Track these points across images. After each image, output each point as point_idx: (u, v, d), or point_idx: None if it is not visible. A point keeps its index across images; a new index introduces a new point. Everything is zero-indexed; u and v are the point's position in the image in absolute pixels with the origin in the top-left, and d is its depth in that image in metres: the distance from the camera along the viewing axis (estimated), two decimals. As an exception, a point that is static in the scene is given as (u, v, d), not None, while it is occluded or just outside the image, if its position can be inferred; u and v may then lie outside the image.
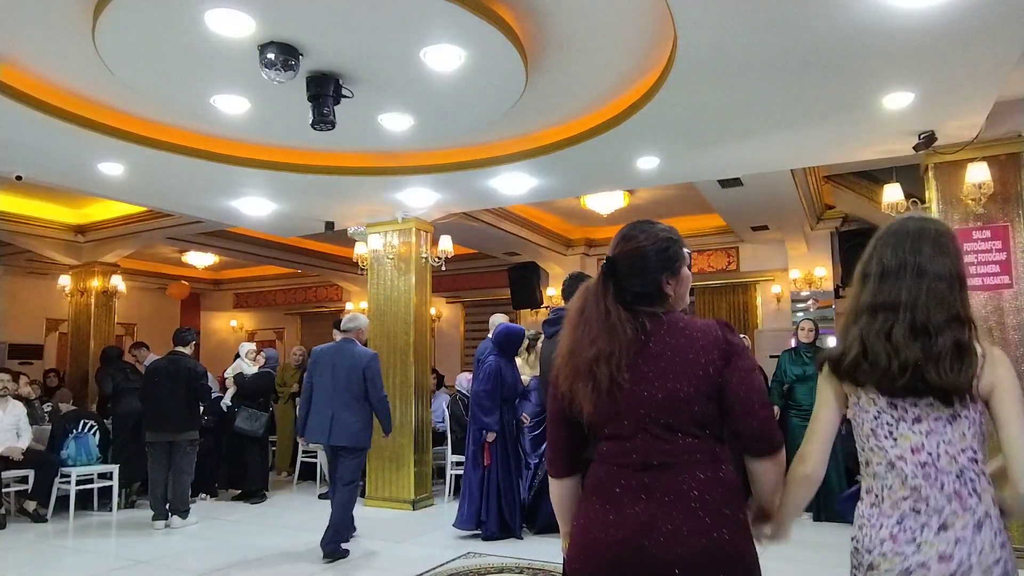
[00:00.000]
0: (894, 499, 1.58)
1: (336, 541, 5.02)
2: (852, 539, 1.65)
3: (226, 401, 7.48)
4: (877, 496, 1.62)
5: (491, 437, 5.45)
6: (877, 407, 1.62)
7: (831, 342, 9.19)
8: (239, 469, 7.27)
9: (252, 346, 7.81)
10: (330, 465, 5.24)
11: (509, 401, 5.61)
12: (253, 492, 7.19)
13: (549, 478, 1.86)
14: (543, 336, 6.28)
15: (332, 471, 5.20)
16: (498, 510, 5.41)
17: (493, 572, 4.60)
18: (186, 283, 12.38)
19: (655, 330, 1.66)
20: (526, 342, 6.26)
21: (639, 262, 1.73)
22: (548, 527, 5.42)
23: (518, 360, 6.09)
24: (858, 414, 1.67)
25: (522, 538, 5.41)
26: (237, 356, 7.79)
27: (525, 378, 6.09)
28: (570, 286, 3.85)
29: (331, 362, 5.19)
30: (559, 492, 1.83)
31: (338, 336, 6.41)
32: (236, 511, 6.73)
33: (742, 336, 1.90)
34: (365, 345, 5.57)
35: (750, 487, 1.72)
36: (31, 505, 6.26)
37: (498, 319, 6.03)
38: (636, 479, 1.59)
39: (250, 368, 7.40)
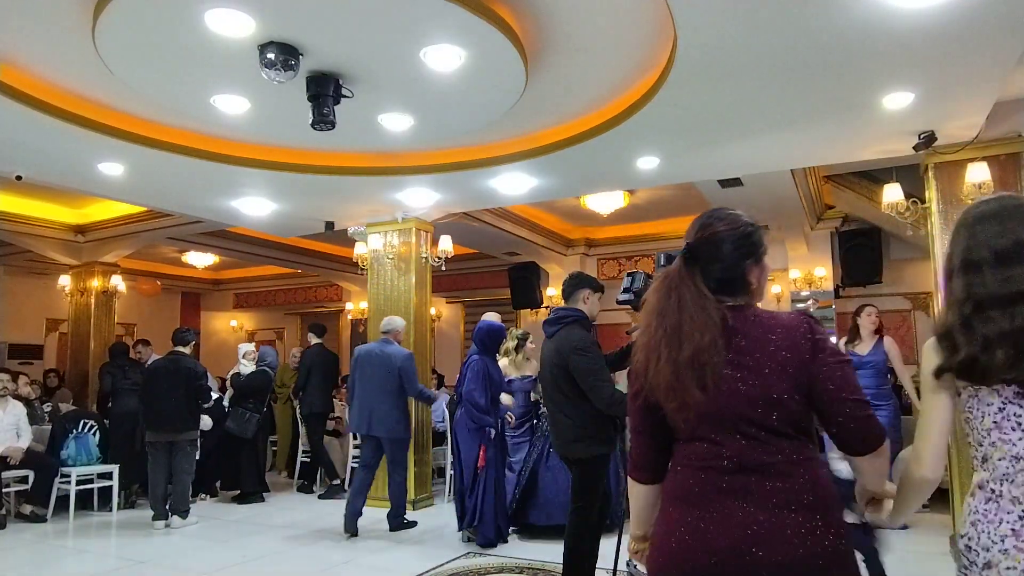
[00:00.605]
0: (1015, 494, 1.48)
1: (397, 517, 5.78)
2: (962, 536, 1.55)
3: (226, 402, 7.47)
4: (994, 491, 1.51)
5: (492, 434, 5.38)
6: (1002, 398, 1.51)
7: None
8: (233, 470, 7.24)
9: (251, 347, 7.79)
10: (362, 454, 5.92)
11: (495, 401, 5.50)
12: (245, 494, 7.14)
13: (630, 481, 1.76)
14: (531, 336, 6.19)
15: (363, 458, 5.85)
16: (493, 515, 5.24)
17: (493, 572, 4.60)
18: (157, 282, 12.38)
19: (740, 323, 1.57)
20: (514, 342, 6.13)
21: (722, 248, 1.62)
22: (535, 528, 5.38)
23: (505, 360, 5.99)
24: (976, 407, 1.55)
25: (507, 541, 5.30)
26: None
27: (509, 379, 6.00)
28: (570, 286, 3.84)
29: (370, 360, 5.80)
30: (642, 498, 1.73)
31: (313, 340, 7.72)
32: (236, 511, 6.73)
33: None
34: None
35: None
36: (27, 508, 6.26)
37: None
38: (731, 483, 1.50)
39: (248, 368, 7.39)
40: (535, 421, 5.89)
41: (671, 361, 1.55)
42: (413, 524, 5.82)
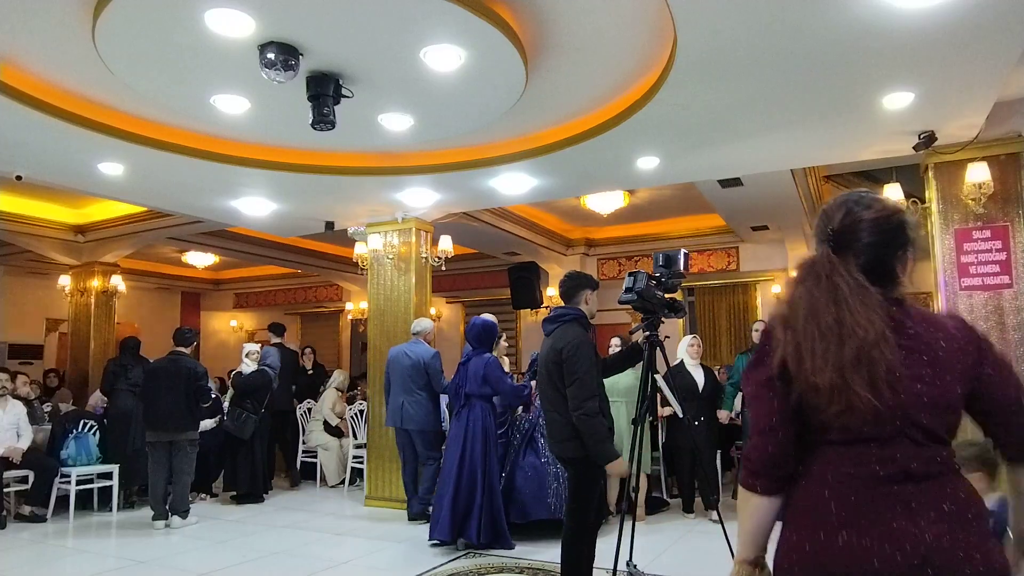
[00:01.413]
0: None
1: (421, 505, 6.02)
2: None
3: (227, 402, 7.46)
4: None
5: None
6: None
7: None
8: (231, 471, 7.22)
9: (255, 347, 7.77)
10: (399, 448, 6.24)
11: (490, 399, 5.45)
12: (241, 495, 7.10)
13: (744, 493, 1.53)
14: (504, 335, 5.99)
15: (401, 452, 6.22)
16: (491, 515, 5.20)
17: (493, 572, 4.60)
18: (136, 324, 12.58)
19: (906, 318, 1.44)
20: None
21: (869, 237, 1.47)
22: (514, 526, 5.28)
23: None
24: None
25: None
26: None
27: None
28: (570, 287, 3.82)
29: (400, 360, 6.18)
30: (760, 513, 1.50)
31: (273, 339, 8.30)
32: (236, 511, 6.72)
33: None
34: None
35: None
36: (26, 509, 6.25)
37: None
38: (898, 493, 1.35)
39: (250, 368, 7.38)
40: (512, 421, 5.81)
41: (833, 360, 1.38)
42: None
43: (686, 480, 6.19)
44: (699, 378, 6.15)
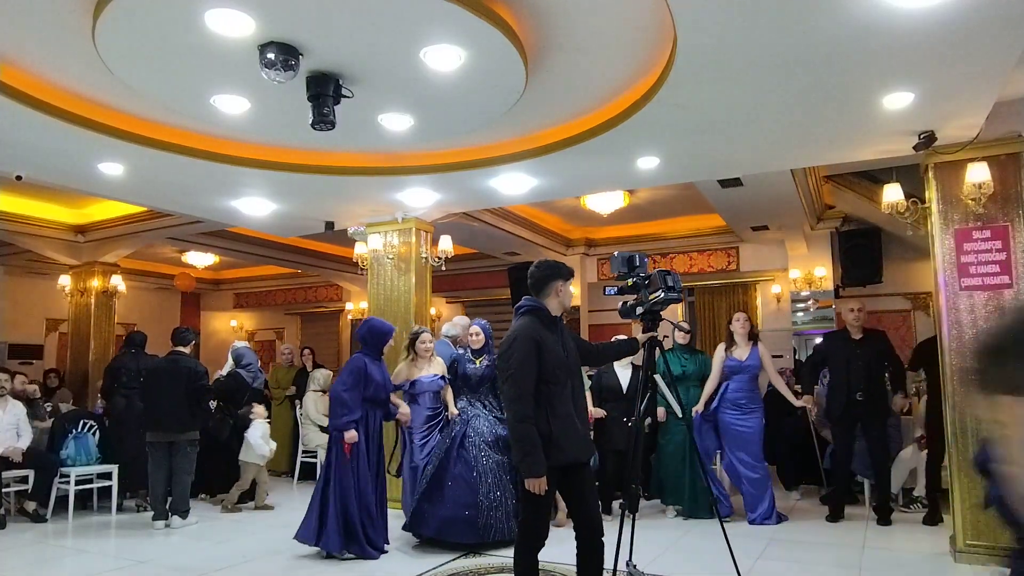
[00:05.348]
0: None
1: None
2: None
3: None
4: None
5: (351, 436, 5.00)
6: None
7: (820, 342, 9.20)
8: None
9: (241, 344, 7.70)
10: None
11: (376, 402, 5.22)
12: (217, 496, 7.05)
13: None
14: (425, 334, 5.70)
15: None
16: (344, 521, 4.98)
17: (493, 572, 4.60)
18: (191, 276, 12.53)
19: None
20: (406, 340, 5.84)
21: None
22: (436, 537, 5.13)
23: (403, 363, 5.76)
24: None
25: (386, 552, 5.10)
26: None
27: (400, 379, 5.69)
28: (536, 277, 3.43)
29: None
30: None
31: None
32: (237, 511, 6.72)
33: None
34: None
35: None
36: (31, 505, 6.26)
37: (460, 321, 6.16)
38: None
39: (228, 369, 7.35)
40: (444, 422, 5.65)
41: None
42: None
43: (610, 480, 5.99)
44: (624, 379, 6.19)
